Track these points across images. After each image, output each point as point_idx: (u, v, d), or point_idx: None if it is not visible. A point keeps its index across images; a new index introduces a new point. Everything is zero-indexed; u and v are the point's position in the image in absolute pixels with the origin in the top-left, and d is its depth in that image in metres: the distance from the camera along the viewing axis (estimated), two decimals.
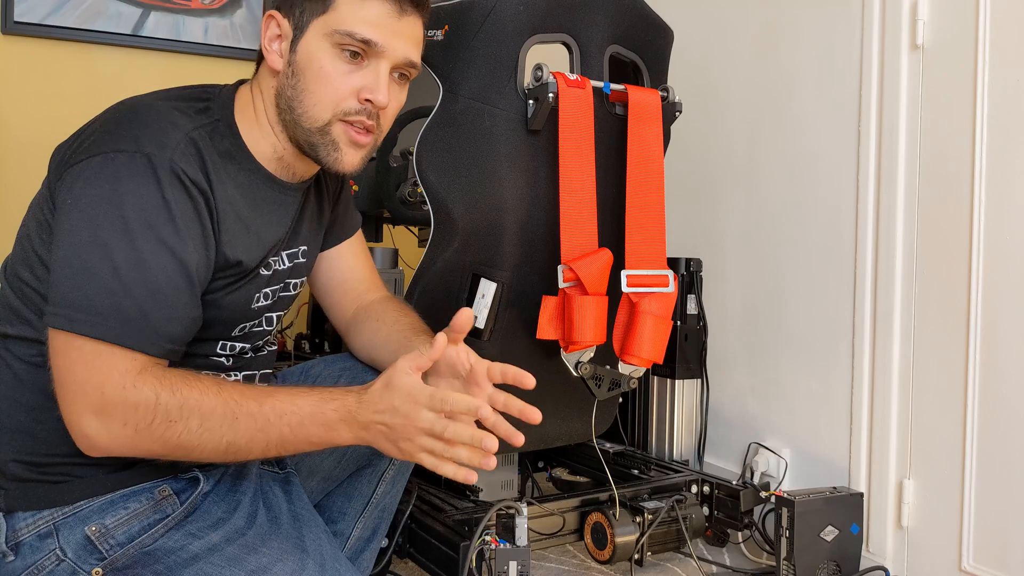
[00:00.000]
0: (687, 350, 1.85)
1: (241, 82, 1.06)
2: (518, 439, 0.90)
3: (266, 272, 1.05)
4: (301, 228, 1.10)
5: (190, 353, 0.97)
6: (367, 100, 0.98)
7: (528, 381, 0.94)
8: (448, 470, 0.89)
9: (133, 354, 0.86)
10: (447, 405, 0.86)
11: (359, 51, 0.97)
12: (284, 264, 1.08)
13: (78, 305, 0.85)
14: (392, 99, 1.01)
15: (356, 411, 0.89)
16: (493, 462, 0.89)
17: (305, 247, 1.12)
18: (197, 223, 0.92)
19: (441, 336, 0.92)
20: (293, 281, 1.12)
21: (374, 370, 1.14)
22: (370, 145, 1.02)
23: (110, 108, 0.96)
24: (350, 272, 1.24)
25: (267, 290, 1.06)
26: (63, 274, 0.86)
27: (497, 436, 0.88)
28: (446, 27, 1.33)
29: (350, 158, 1.00)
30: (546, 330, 1.32)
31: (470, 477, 0.89)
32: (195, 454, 0.89)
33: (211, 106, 1.00)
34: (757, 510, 1.59)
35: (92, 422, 0.85)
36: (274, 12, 1.00)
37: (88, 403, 0.85)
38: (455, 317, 0.94)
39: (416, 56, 1.02)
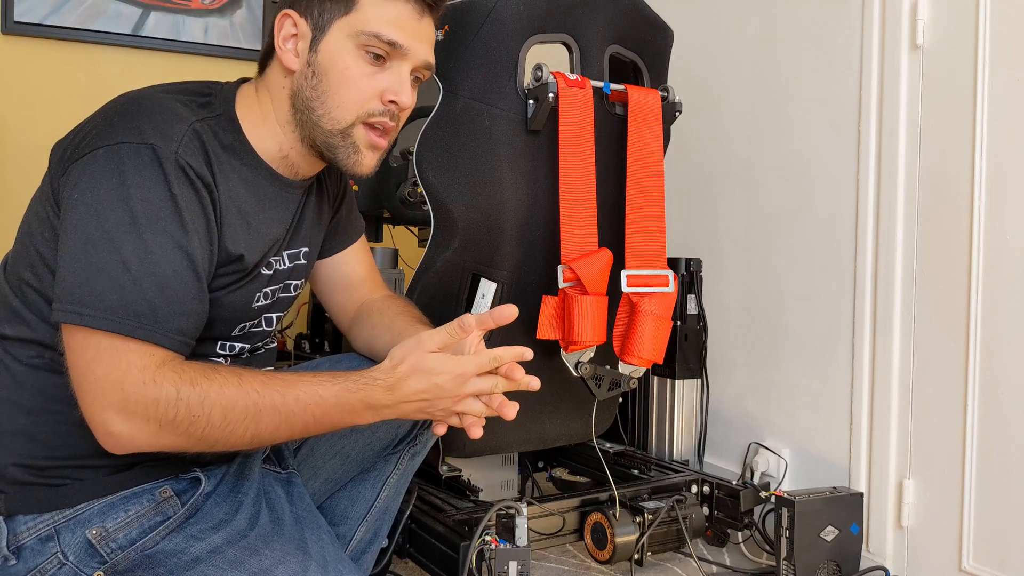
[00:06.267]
0: (687, 350, 1.84)
1: (243, 80, 1.05)
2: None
3: (267, 271, 1.04)
4: (301, 228, 1.10)
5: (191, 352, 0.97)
6: (391, 102, 0.98)
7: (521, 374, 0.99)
8: (478, 432, 0.96)
9: (151, 348, 0.86)
10: (498, 362, 0.93)
11: (384, 53, 0.97)
12: (285, 264, 1.08)
13: (88, 300, 0.84)
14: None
15: (383, 399, 0.92)
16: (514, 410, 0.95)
17: (306, 248, 1.12)
18: (202, 217, 0.92)
19: (469, 318, 0.94)
20: (293, 282, 1.12)
21: None
22: (387, 147, 1.03)
23: (110, 101, 0.95)
24: (355, 274, 1.24)
25: (267, 290, 1.06)
26: (71, 269, 0.86)
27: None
28: (446, 27, 1.33)
29: (368, 160, 1.01)
30: (546, 330, 1.32)
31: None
32: (220, 446, 0.89)
33: (213, 101, 0.99)
34: (757, 510, 1.58)
35: (116, 419, 0.84)
36: (290, 11, 0.99)
37: (110, 400, 0.84)
38: (499, 309, 0.96)
39: (432, 58, 1.03)
